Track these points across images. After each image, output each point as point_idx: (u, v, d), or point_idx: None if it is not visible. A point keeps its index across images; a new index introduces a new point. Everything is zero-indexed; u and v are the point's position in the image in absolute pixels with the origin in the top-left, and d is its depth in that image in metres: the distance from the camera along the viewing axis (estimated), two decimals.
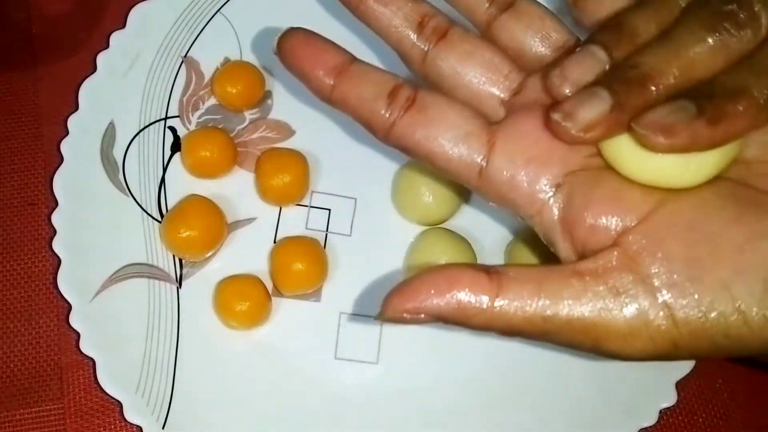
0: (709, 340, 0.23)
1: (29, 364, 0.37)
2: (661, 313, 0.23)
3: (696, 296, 0.22)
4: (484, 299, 0.23)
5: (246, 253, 0.39)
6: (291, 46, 0.27)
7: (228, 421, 0.36)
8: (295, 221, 0.40)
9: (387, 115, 0.26)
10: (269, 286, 0.38)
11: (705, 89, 0.24)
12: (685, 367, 0.38)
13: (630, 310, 0.23)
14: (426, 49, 0.28)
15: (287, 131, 0.41)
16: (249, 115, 0.42)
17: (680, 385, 0.38)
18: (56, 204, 0.37)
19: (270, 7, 0.43)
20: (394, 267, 0.39)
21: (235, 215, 0.40)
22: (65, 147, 0.38)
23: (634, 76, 0.24)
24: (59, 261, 0.37)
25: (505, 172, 0.26)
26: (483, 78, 0.28)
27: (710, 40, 0.24)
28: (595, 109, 0.24)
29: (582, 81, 0.24)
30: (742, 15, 0.24)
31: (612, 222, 0.24)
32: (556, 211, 0.25)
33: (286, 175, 0.39)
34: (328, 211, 0.40)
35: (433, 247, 0.38)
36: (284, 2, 0.43)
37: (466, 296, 0.23)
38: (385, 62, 0.41)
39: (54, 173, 0.38)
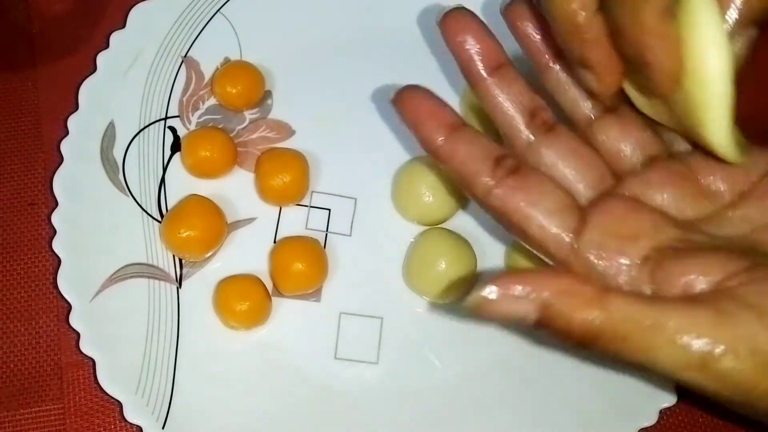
0: None
1: (29, 364, 0.37)
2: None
3: None
4: (592, 291, 0.24)
5: (246, 253, 0.39)
6: (410, 97, 0.29)
7: (228, 421, 0.36)
8: (295, 221, 0.40)
9: (490, 177, 0.28)
10: (269, 286, 0.38)
11: None
12: None
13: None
14: (532, 138, 0.30)
15: (287, 131, 0.41)
16: (249, 115, 0.42)
17: (680, 385, 0.38)
18: (56, 204, 0.37)
19: (270, 7, 0.43)
20: (394, 267, 0.39)
21: (235, 215, 0.40)
22: (65, 147, 0.38)
23: None
24: (59, 261, 0.37)
25: (595, 245, 0.27)
26: (579, 176, 0.30)
27: None
28: None
29: None
30: None
31: (703, 282, 0.25)
32: (644, 281, 0.26)
33: (286, 175, 0.39)
34: (328, 211, 0.40)
35: (433, 247, 0.38)
36: (284, 2, 0.43)
37: (574, 285, 0.24)
38: (386, 62, 0.41)
39: (54, 173, 0.38)
